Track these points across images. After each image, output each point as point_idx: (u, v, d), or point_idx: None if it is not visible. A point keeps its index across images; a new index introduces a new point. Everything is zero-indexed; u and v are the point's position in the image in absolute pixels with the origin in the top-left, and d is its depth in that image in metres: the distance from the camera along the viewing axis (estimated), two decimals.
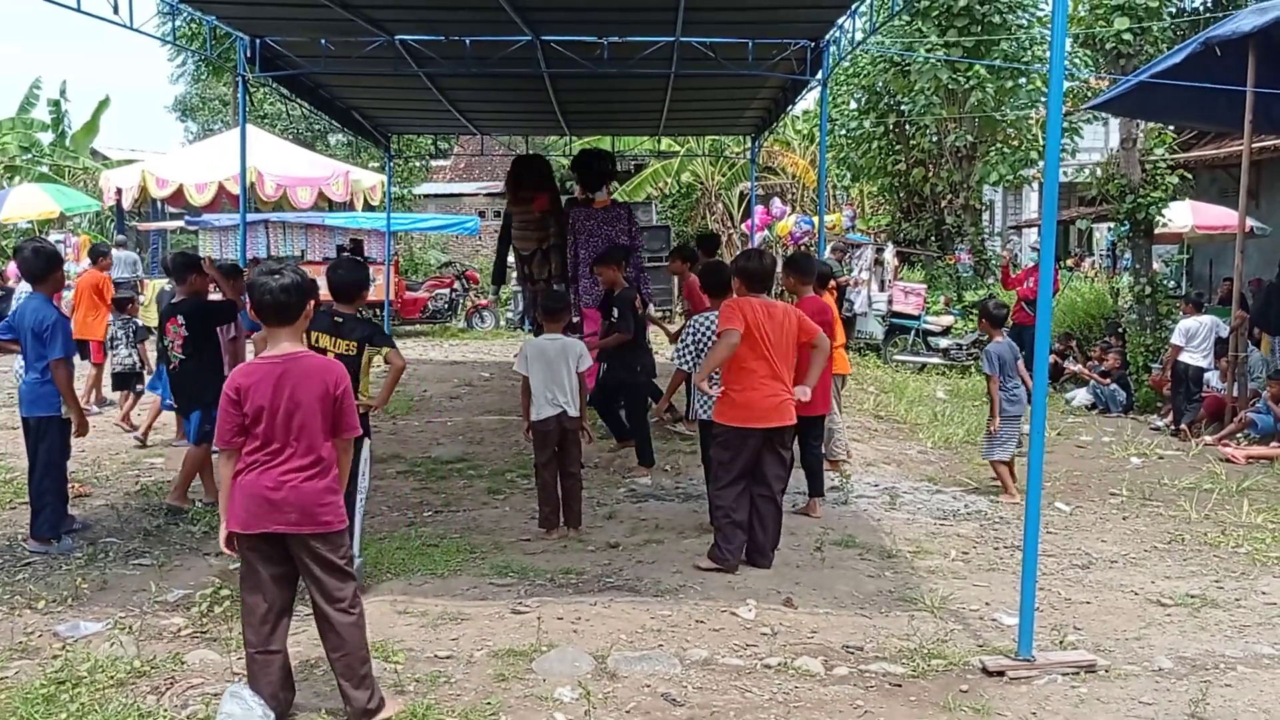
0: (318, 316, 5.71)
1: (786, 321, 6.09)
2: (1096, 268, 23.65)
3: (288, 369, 3.93)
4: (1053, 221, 5.10)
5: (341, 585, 4.02)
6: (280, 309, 3.96)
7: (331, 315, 5.73)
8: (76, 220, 24.72)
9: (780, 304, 6.29)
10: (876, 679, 4.63)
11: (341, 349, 5.65)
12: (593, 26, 9.39)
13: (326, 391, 3.93)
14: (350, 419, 4.02)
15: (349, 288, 5.86)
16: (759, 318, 5.97)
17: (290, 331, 4.01)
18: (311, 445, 3.93)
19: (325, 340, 5.66)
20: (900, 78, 19.55)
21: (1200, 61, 10.24)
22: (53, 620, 5.18)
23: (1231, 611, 5.62)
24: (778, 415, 6.04)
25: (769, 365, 5.98)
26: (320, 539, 3.96)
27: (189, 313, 7.25)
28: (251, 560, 4.03)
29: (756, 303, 6.06)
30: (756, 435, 6.02)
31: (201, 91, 36.65)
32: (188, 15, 9.58)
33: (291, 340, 4.01)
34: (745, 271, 6.24)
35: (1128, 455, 9.85)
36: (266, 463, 3.93)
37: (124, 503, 7.52)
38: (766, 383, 5.98)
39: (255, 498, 3.94)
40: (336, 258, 6.59)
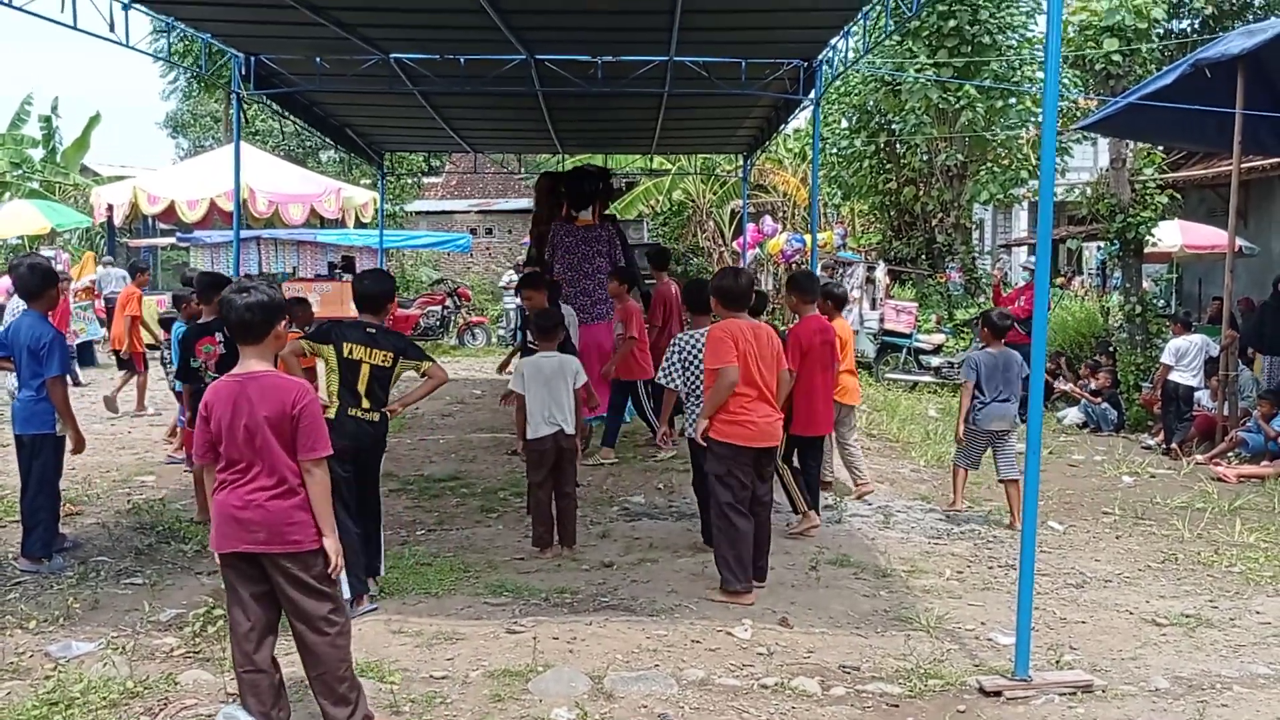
0: (349, 328, 5.74)
1: (772, 342, 6.11)
2: (1086, 287, 23.72)
3: (245, 388, 3.89)
4: (1048, 240, 5.12)
5: (316, 604, 3.98)
6: (244, 327, 3.94)
7: (364, 327, 5.73)
8: (67, 236, 24.64)
9: (764, 325, 6.27)
10: (873, 699, 4.63)
11: (378, 360, 5.64)
12: (587, 46, 9.43)
13: (283, 412, 3.87)
14: (310, 440, 3.93)
15: (376, 298, 5.85)
16: (747, 340, 5.95)
17: (256, 350, 3.97)
18: (275, 465, 3.90)
19: (360, 351, 5.63)
20: (891, 97, 19.65)
21: (1190, 83, 10.33)
22: (44, 640, 5.14)
23: (1226, 631, 5.62)
24: (770, 436, 6.07)
25: (760, 386, 5.97)
26: (290, 558, 3.93)
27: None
28: (230, 579, 4.02)
29: (745, 325, 6.02)
30: (748, 454, 6.01)
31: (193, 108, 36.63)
32: (180, 32, 9.58)
33: (258, 359, 3.97)
34: (722, 290, 6.15)
35: (1120, 474, 9.87)
36: (234, 481, 3.93)
37: (115, 521, 7.48)
38: (759, 404, 5.97)
39: (225, 516, 3.93)
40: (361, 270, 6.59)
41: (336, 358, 5.61)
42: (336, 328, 5.76)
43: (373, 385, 5.63)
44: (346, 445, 5.55)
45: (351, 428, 5.57)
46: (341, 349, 5.60)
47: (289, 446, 3.91)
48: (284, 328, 4.08)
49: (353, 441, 5.56)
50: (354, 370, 5.61)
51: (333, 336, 5.66)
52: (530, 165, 22.86)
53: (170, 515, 7.58)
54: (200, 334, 7.25)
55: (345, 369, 5.60)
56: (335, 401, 5.61)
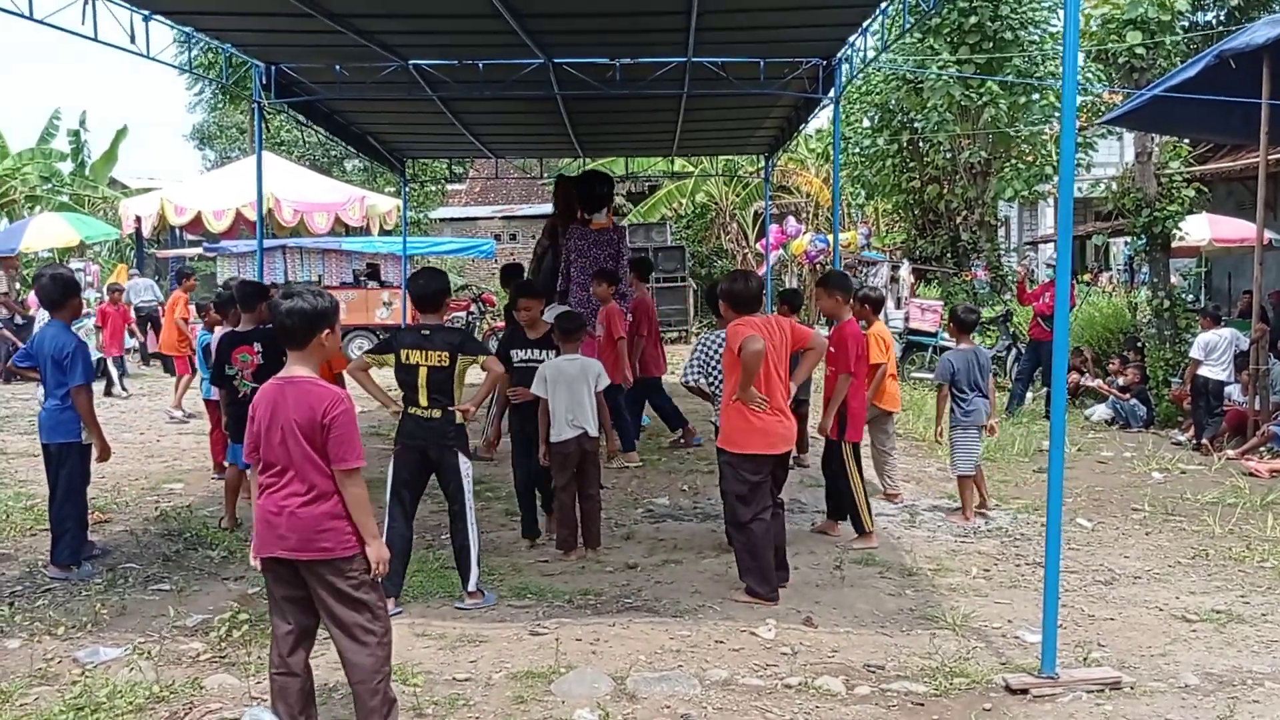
0: (407, 333, 5.88)
1: (783, 336, 6.01)
2: (1114, 282, 23.54)
3: (284, 392, 3.89)
4: (1068, 236, 5.08)
5: (350, 612, 3.93)
6: (285, 332, 3.94)
7: (420, 329, 5.81)
8: (96, 249, 24.93)
9: (774, 317, 6.25)
10: (899, 698, 4.59)
11: (434, 361, 5.69)
12: (605, 49, 9.45)
13: (314, 419, 3.82)
14: (340, 450, 3.84)
15: (432, 296, 5.90)
16: (764, 335, 5.86)
17: (298, 355, 3.95)
18: (305, 472, 3.86)
19: (416, 355, 5.69)
20: (913, 95, 19.55)
21: (1214, 74, 10.20)
22: (72, 646, 5.19)
23: (1258, 627, 5.54)
24: (788, 441, 6.04)
25: (775, 386, 5.90)
26: (324, 565, 3.90)
27: (268, 340, 7.19)
28: (268, 582, 4.04)
29: (760, 321, 5.96)
30: (769, 462, 5.96)
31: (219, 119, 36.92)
32: (204, 44, 9.67)
33: (300, 364, 3.95)
34: (733, 294, 6.05)
35: (1149, 470, 9.76)
36: (270, 486, 3.93)
37: (143, 528, 7.54)
38: (773, 410, 5.89)
39: (262, 521, 3.95)
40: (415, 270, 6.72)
41: (396, 364, 5.74)
42: (396, 336, 5.98)
43: (431, 385, 5.68)
44: (409, 444, 5.68)
45: (410, 426, 5.75)
46: (400, 355, 5.72)
47: (321, 454, 3.87)
48: (328, 336, 3.98)
49: (410, 440, 5.75)
50: (413, 373, 5.71)
51: (393, 345, 5.87)
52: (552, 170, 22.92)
53: (198, 522, 7.63)
54: (237, 342, 7.31)
55: (404, 373, 5.71)
56: (401, 405, 5.78)
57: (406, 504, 5.81)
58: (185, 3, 8.17)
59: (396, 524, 5.74)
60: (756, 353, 5.68)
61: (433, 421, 5.72)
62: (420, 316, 5.98)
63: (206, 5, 8.27)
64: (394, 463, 5.82)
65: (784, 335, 6.03)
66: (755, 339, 5.71)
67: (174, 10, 8.32)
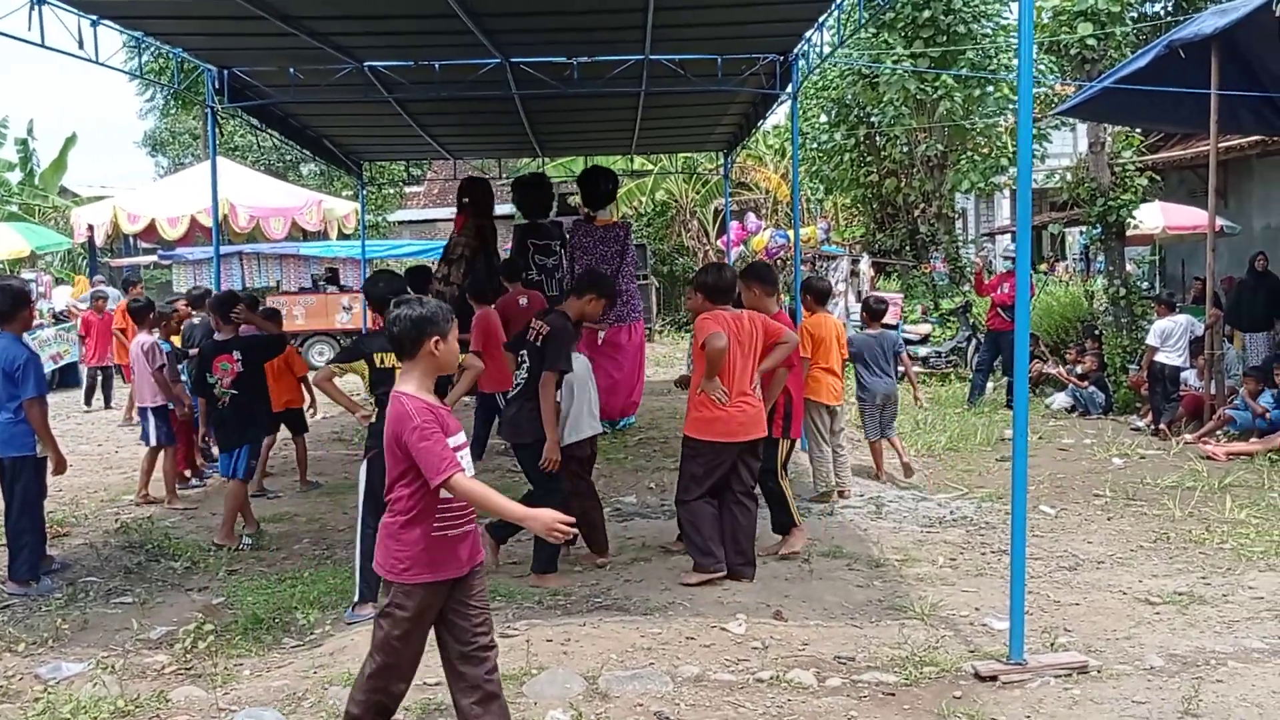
0: (376, 337, 5.73)
1: (754, 330, 6.07)
2: (1070, 271, 23.82)
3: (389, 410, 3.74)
4: (1028, 227, 5.13)
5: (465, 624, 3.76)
6: (394, 341, 3.81)
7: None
8: (48, 259, 24.53)
9: (746, 313, 6.23)
10: (870, 688, 4.61)
11: None
12: (562, 47, 9.42)
13: (393, 440, 3.66)
14: (428, 469, 3.55)
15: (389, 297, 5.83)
16: (733, 330, 5.95)
17: (407, 366, 3.77)
18: (392, 487, 3.75)
19: (390, 358, 5.59)
20: (869, 89, 19.67)
21: (1165, 64, 10.35)
22: (34, 662, 5.10)
23: (1220, 607, 5.63)
24: (751, 429, 6.04)
25: (738, 378, 5.96)
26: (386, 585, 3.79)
27: (246, 348, 7.34)
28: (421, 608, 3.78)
29: (728, 315, 6.03)
30: (731, 449, 6.01)
31: (171, 126, 36.47)
32: (155, 49, 9.55)
33: (406, 375, 3.75)
34: (706, 285, 6.16)
35: (1109, 456, 9.89)
36: None
37: (104, 541, 7.42)
38: (738, 397, 5.96)
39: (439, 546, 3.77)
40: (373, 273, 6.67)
41: (370, 370, 5.62)
42: (364, 341, 5.89)
43: None
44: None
45: None
46: (373, 360, 5.61)
47: (395, 471, 3.69)
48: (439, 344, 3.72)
49: None
50: (390, 377, 5.60)
51: (362, 350, 5.75)
52: (510, 170, 22.85)
53: (159, 533, 7.51)
54: (218, 351, 7.34)
55: (379, 378, 5.60)
56: (375, 409, 5.64)
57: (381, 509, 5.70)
58: (134, 7, 8.04)
59: (373, 528, 5.65)
60: (719, 350, 5.81)
61: None
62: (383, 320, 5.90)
63: (156, 9, 8.14)
64: (370, 467, 5.64)
65: (754, 329, 6.06)
66: (718, 335, 5.80)
67: (122, 15, 8.20)
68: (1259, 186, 16.38)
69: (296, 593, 6.07)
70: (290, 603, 5.88)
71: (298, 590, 6.11)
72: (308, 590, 6.09)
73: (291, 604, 5.86)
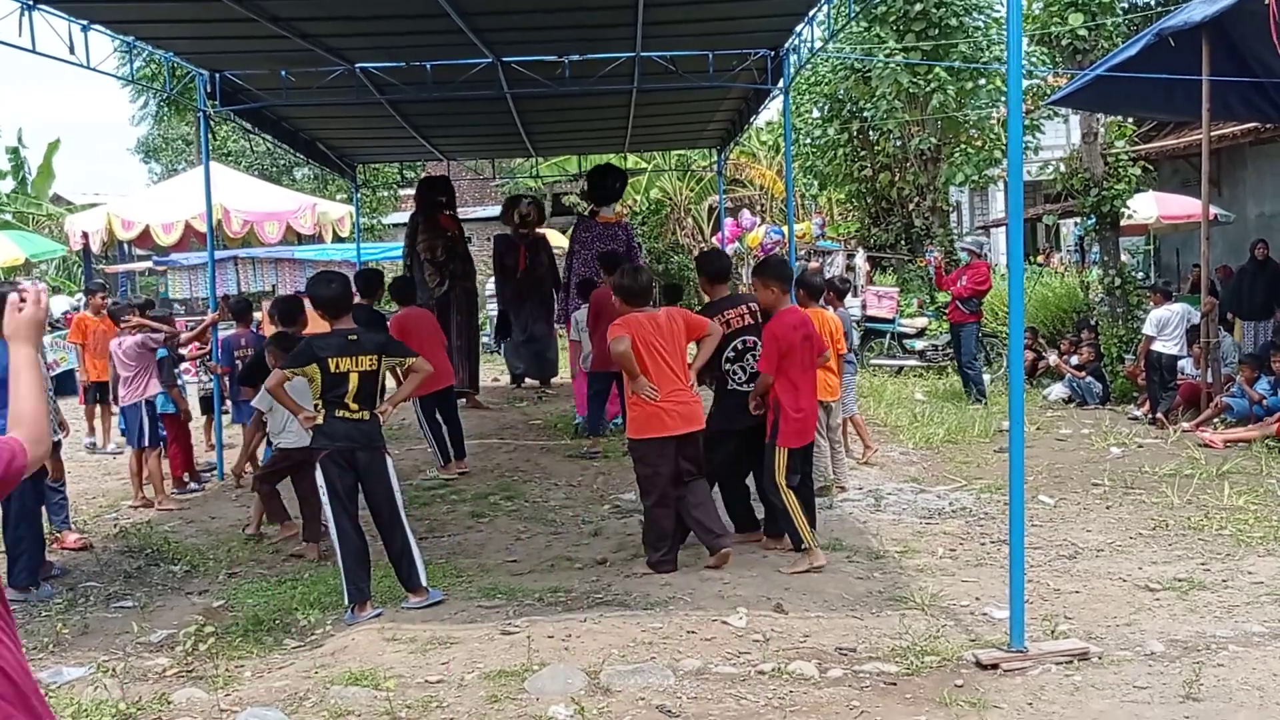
0: (328, 340, 5.69)
1: (673, 326, 6.19)
2: (1065, 263, 23.83)
3: None
4: (1019, 219, 5.14)
5: None
6: None
7: (345, 335, 5.70)
8: (43, 267, 24.49)
9: (662, 311, 6.38)
10: (871, 679, 4.61)
11: (364, 365, 5.63)
12: (553, 45, 9.41)
13: None
14: None
15: (342, 299, 5.86)
16: (646, 331, 6.09)
17: None
18: None
19: (346, 363, 5.61)
20: (861, 84, 19.68)
21: (1155, 53, 10.35)
22: (34, 668, 5.02)
23: (1219, 593, 5.63)
24: (686, 422, 6.14)
25: (667, 374, 6.09)
26: None
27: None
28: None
29: (642, 317, 6.19)
30: (671, 443, 6.10)
31: (164, 132, 36.43)
32: (147, 54, 9.54)
33: None
34: (622, 288, 6.40)
35: (1108, 445, 9.89)
36: None
37: (103, 546, 7.42)
38: (670, 393, 6.09)
39: None
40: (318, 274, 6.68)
41: (323, 374, 5.58)
42: (314, 344, 5.72)
43: (360, 390, 5.63)
44: (341, 447, 5.59)
45: (342, 428, 5.63)
46: (327, 365, 5.57)
47: None
48: None
49: (346, 441, 5.64)
50: (343, 380, 5.59)
51: (315, 354, 5.62)
52: (504, 171, 22.84)
53: (158, 537, 7.51)
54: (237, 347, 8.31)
55: (332, 383, 5.58)
56: (322, 409, 5.63)
57: (351, 508, 5.71)
58: (125, 11, 8.04)
59: (347, 529, 5.67)
60: (622, 354, 6.01)
61: (364, 424, 5.69)
62: (333, 322, 5.79)
63: (147, 13, 8.14)
64: (326, 468, 5.65)
65: (673, 326, 6.19)
66: (620, 340, 6.01)
67: (113, 19, 8.18)
68: (1252, 174, 16.41)
69: (296, 594, 6.07)
70: (290, 604, 5.89)
71: (298, 592, 6.12)
72: (307, 591, 6.10)
73: (291, 605, 5.86)
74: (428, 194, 13.21)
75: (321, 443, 5.68)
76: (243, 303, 10.30)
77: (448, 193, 13.20)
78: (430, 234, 12.82)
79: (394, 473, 5.85)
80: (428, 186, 13.34)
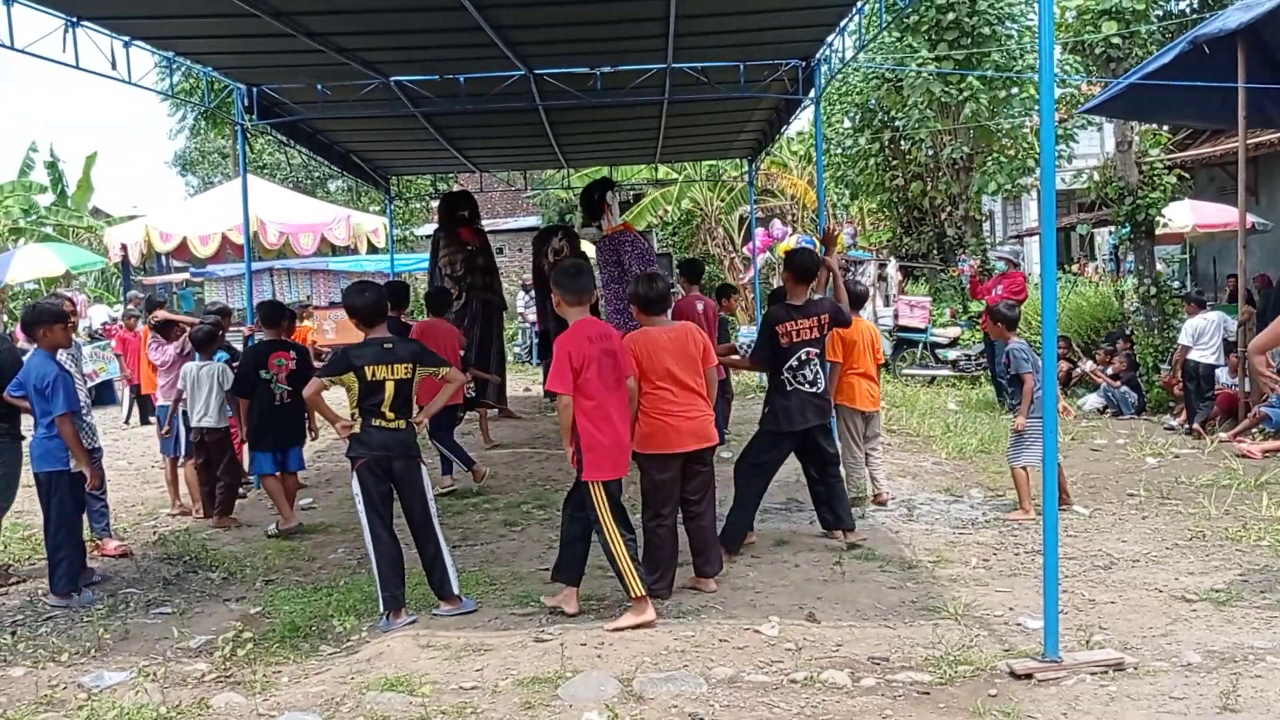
0: (365, 349, 5.72)
1: (688, 340, 5.98)
2: (1100, 272, 23.65)
3: None
4: (1052, 229, 5.12)
5: None
6: None
7: (381, 343, 5.74)
8: (83, 279, 24.87)
9: (679, 324, 6.16)
10: (904, 688, 4.60)
11: (400, 374, 5.67)
12: (585, 58, 9.50)
13: None
14: None
15: (378, 308, 5.91)
16: (658, 347, 5.85)
17: None
18: None
19: (382, 370, 5.63)
20: (893, 93, 19.66)
21: (1190, 60, 10.29)
22: (77, 672, 5.18)
23: (1257, 604, 5.58)
24: (698, 439, 5.95)
25: (679, 387, 5.87)
26: None
27: (303, 350, 8.23)
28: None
29: (655, 332, 5.94)
30: (679, 460, 5.93)
31: (201, 145, 36.91)
32: (185, 69, 9.71)
33: None
34: (638, 298, 6.04)
35: (1143, 456, 9.81)
36: None
37: (142, 553, 7.52)
38: (681, 407, 5.87)
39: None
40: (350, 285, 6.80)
41: (360, 383, 5.64)
42: (351, 352, 5.75)
43: (396, 399, 5.68)
44: (378, 455, 5.65)
45: (379, 437, 5.68)
46: (364, 373, 5.62)
47: None
48: None
49: (382, 450, 5.69)
50: (379, 389, 5.64)
51: (351, 363, 5.67)
52: (535, 183, 22.97)
53: (196, 545, 7.61)
54: (274, 349, 8.03)
55: (370, 391, 5.63)
56: (359, 418, 5.69)
57: (386, 516, 5.75)
58: (165, 28, 8.19)
59: (383, 537, 5.71)
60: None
61: (400, 433, 5.73)
62: (368, 331, 5.83)
63: (186, 30, 8.28)
64: (362, 477, 5.68)
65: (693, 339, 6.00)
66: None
67: (154, 35, 8.34)
68: None
69: (333, 601, 6.12)
70: (326, 611, 5.94)
71: (334, 599, 6.17)
72: (343, 598, 6.15)
73: (328, 612, 5.91)
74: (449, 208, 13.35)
75: (359, 451, 5.73)
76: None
77: (469, 206, 13.31)
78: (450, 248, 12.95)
79: (428, 481, 5.90)
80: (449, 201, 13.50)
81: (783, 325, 6.68)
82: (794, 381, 6.69)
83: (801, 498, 8.29)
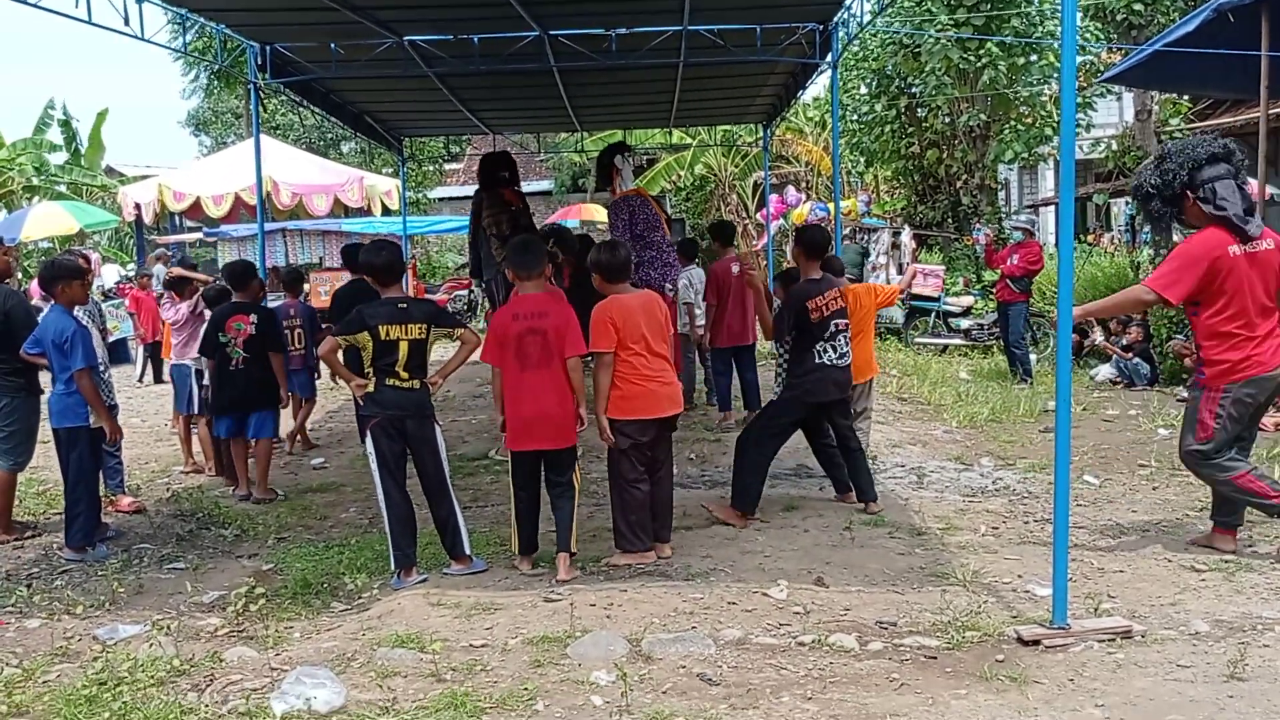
0: (379, 309, 5.72)
1: (655, 308, 6.00)
2: (1116, 243, 23.48)
3: None
4: (1070, 198, 5.08)
5: None
6: None
7: (395, 303, 5.76)
8: (96, 237, 24.92)
9: (644, 291, 6.18)
10: (911, 652, 4.63)
11: (414, 334, 5.67)
12: (600, 19, 9.42)
13: None
14: None
15: (393, 267, 5.91)
16: (628, 312, 5.85)
17: None
18: None
19: (396, 330, 5.63)
20: (910, 59, 19.45)
21: (1213, 29, 10.15)
22: (91, 625, 5.24)
23: (1266, 574, 5.57)
24: (673, 403, 6.03)
25: (651, 353, 5.90)
26: None
27: (263, 313, 7.95)
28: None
29: (625, 299, 5.92)
30: (654, 425, 5.97)
31: (214, 105, 36.86)
32: (198, 27, 9.66)
33: None
34: (599, 265, 6.00)
35: (1155, 427, 9.78)
36: None
37: (156, 510, 7.59)
38: (656, 373, 5.91)
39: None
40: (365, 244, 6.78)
41: (374, 342, 5.64)
42: (365, 311, 5.74)
43: (410, 359, 5.69)
44: (391, 415, 5.66)
45: (392, 397, 5.69)
46: (378, 332, 5.63)
47: None
48: None
49: (396, 410, 5.70)
50: (393, 349, 5.65)
51: (365, 322, 5.67)
52: (549, 146, 22.89)
53: (209, 502, 7.68)
54: (233, 312, 7.79)
55: (383, 350, 5.64)
56: (372, 377, 5.70)
57: (399, 476, 5.78)
58: None
59: (395, 496, 5.74)
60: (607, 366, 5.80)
61: (414, 393, 5.74)
62: (384, 290, 5.86)
63: None
64: (375, 435, 5.71)
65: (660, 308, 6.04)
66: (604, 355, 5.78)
67: None
68: None
69: (344, 559, 6.18)
70: (338, 568, 5.99)
71: (345, 556, 6.22)
72: (355, 556, 6.20)
73: (339, 570, 5.97)
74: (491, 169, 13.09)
75: (372, 410, 5.75)
76: (294, 273, 10.48)
77: (510, 167, 13.12)
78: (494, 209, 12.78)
79: (442, 442, 5.92)
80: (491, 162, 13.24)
81: (812, 300, 6.68)
82: (825, 353, 6.71)
83: (810, 464, 8.31)
